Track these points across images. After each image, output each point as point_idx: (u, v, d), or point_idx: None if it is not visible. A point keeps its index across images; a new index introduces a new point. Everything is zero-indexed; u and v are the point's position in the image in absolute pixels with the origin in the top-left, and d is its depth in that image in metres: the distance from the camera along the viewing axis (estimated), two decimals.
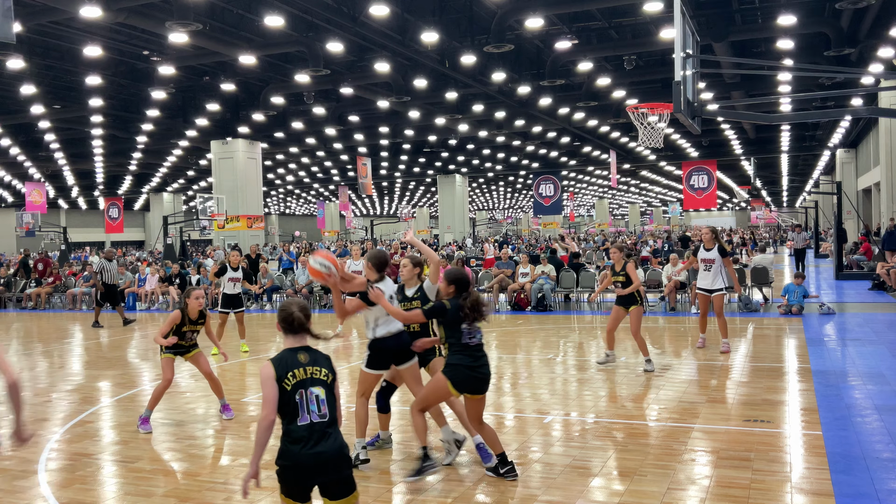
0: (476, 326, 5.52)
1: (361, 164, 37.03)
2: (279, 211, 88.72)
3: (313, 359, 3.83)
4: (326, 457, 3.70)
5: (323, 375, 3.80)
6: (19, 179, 47.20)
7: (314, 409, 3.73)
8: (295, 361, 3.76)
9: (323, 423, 3.73)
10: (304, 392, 3.72)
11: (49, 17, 17.47)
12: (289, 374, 3.71)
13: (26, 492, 5.63)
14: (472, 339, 5.50)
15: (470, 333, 5.48)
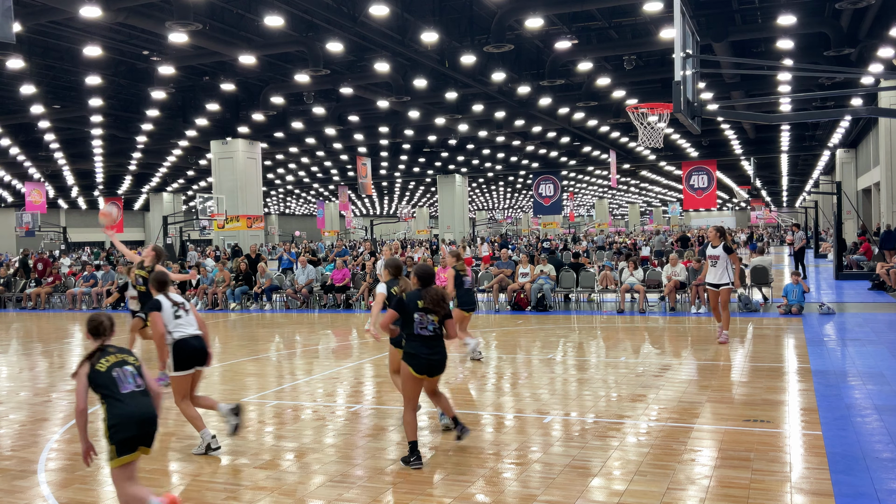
0: (429, 318, 5.99)
1: (361, 164, 37.02)
2: (279, 211, 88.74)
3: (119, 349, 4.75)
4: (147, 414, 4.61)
5: (132, 360, 4.73)
6: (19, 179, 47.19)
7: (131, 381, 4.60)
8: (105, 353, 4.66)
9: (140, 391, 4.63)
10: (119, 370, 4.58)
11: (49, 16, 17.47)
12: (103, 360, 4.59)
13: (26, 492, 5.63)
14: (425, 330, 5.99)
15: (421, 324, 5.99)
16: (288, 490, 5.49)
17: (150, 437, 4.66)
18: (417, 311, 5.97)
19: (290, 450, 6.56)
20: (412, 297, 6.03)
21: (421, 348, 5.96)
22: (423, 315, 5.97)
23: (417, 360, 5.96)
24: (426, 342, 5.98)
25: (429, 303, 5.96)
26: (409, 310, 5.98)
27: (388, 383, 9.52)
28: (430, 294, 6.00)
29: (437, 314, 6.00)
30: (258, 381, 9.80)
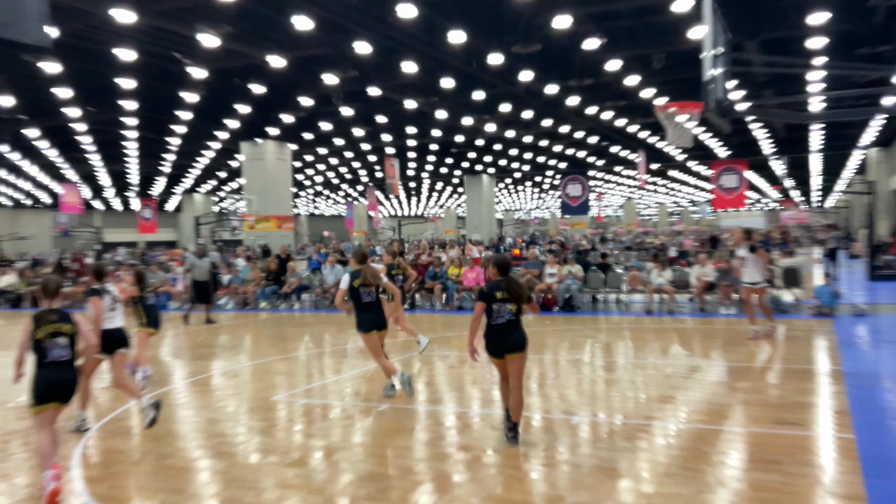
0: (507, 307, 6.46)
1: (389, 165, 37.16)
2: (308, 211, 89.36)
3: (61, 317, 5.72)
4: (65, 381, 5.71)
5: (66, 329, 5.70)
6: (55, 181, 48.11)
7: (57, 352, 5.63)
8: (46, 319, 5.66)
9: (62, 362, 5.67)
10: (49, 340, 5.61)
11: (83, 20, 17.78)
12: (40, 329, 5.62)
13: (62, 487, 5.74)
14: (500, 318, 6.46)
15: (499, 314, 6.49)
16: (316, 488, 5.55)
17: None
18: (496, 301, 6.45)
19: (319, 448, 6.62)
20: (492, 287, 6.55)
21: (493, 336, 6.51)
22: (500, 305, 6.46)
23: (491, 346, 6.54)
24: (498, 330, 6.48)
25: (507, 292, 6.45)
26: (490, 300, 6.47)
27: (415, 381, 9.56)
28: (508, 284, 6.51)
29: (516, 302, 6.49)
30: (287, 380, 9.89)
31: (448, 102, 27.15)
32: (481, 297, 6.60)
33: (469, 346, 6.79)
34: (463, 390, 9.00)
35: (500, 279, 6.61)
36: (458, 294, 18.52)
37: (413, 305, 19.04)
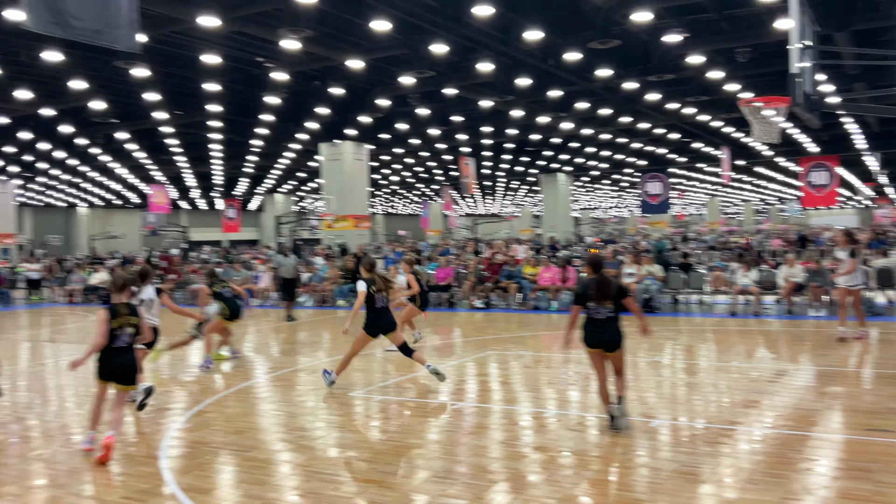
0: (603, 304, 6.73)
1: (464, 164, 37.22)
2: (384, 210, 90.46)
3: (131, 310, 6.65)
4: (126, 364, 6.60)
5: (134, 321, 6.61)
6: (144, 182, 50.20)
7: (124, 339, 6.53)
8: (119, 312, 6.54)
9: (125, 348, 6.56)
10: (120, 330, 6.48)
11: (171, 27, 18.46)
12: (115, 320, 6.49)
13: (150, 477, 5.98)
14: (598, 315, 6.79)
15: (596, 310, 6.78)
16: (393, 484, 5.60)
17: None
18: (591, 300, 6.82)
19: (395, 444, 6.69)
20: (584, 286, 6.93)
21: (591, 328, 6.84)
22: (596, 303, 6.79)
23: (589, 336, 6.85)
24: (596, 324, 6.81)
25: (597, 290, 6.76)
26: (584, 300, 6.86)
27: (490, 381, 9.55)
28: (598, 283, 6.82)
29: (607, 300, 6.75)
30: (364, 377, 10.03)
31: (524, 101, 27.00)
32: (576, 300, 6.97)
33: (565, 338, 7.08)
34: (538, 391, 8.93)
35: (592, 277, 6.94)
36: (533, 293, 18.41)
37: (488, 305, 19.03)
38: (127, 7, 10.91)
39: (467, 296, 19.46)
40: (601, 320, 6.79)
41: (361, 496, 5.36)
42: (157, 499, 5.46)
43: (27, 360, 12.85)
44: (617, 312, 6.80)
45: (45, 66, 21.50)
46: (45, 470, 6.24)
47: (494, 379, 9.78)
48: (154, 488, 5.68)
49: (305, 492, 5.51)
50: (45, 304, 25.15)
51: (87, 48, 20.04)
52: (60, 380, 10.72)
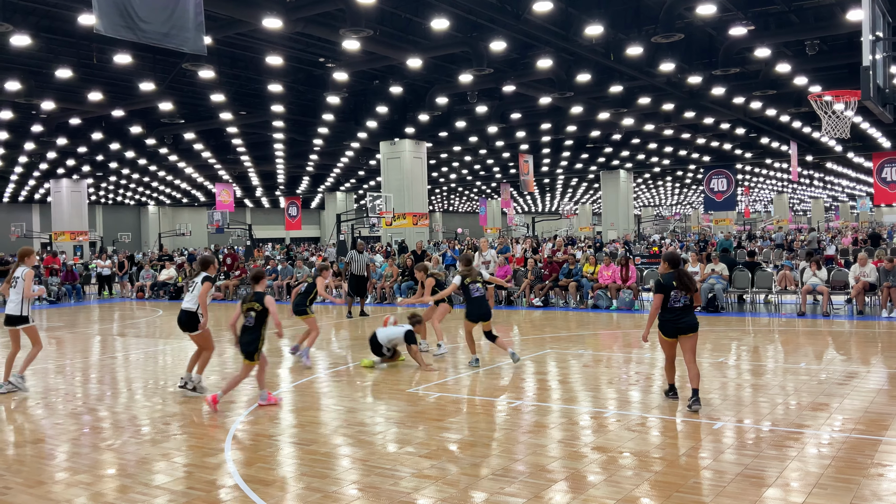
0: (681, 294, 7.59)
1: (523, 162, 37.05)
2: (443, 208, 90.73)
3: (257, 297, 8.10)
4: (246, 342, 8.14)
5: (256, 307, 8.02)
6: (210, 181, 51.52)
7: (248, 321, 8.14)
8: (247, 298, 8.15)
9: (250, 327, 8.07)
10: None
11: (235, 29, 18.89)
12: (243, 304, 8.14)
13: (215, 468, 6.14)
14: (677, 303, 7.62)
15: (675, 299, 7.60)
16: (451, 480, 5.62)
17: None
18: (674, 289, 7.57)
19: (454, 441, 6.71)
20: (668, 278, 7.66)
21: (671, 317, 7.61)
22: (678, 292, 7.58)
23: (667, 326, 7.63)
24: (675, 312, 7.61)
25: (679, 282, 7.58)
26: (668, 289, 7.58)
27: (549, 379, 9.49)
28: (679, 275, 7.65)
29: (689, 290, 7.62)
30: (422, 374, 10.08)
31: (584, 97, 26.74)
32: (659, 289, 7.67)
33: (645, 331, 7.88)
34: (598, 390, 8.83)
35: (671, 271, 7.70)
36: (592, 292, 18.21)
37: (547, 303, 18.91)
38: (193, 10, 11.20)
39: (526, 293, 19.38)
40: (679, 308, 7.61)
41: (419, 492, 5.39)
42: (222, 490, 5.59)
43: (98, 353, 13.34)
44: (692, 302, 7.66)
45: (115, 69, 22.28)
46: (115, 460, 6.47)
47: (553, 377, 9.72)
48: (219, 479, 5.83)
49: (364, 486, 5.57)
50: (115, 300, 26.04)
51: (155, 51, 20.70)
52: (130, 372, 11.09)
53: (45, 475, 6.02)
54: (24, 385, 9.52)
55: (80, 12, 16.63)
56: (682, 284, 7.60)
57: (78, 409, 8.49)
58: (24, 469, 6.20)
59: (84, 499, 5.44)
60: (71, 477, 5.96)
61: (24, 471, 6.15)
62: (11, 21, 15.75)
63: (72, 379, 10.56)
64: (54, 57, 21.01)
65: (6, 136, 31.93)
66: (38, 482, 5.84)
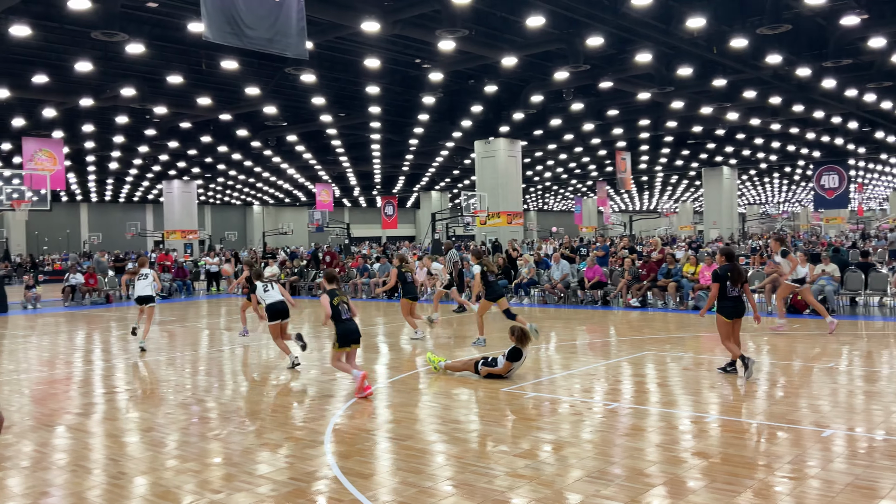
0: (737, 285, 9.09)
1: (620, 159, 36.38)
2: (537, 207, 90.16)
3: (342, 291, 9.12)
4: (355, 328, 9.01)
5: (346, 298, 9.06)
6: (311, 181, 53.03)
7: (346, 310, 8.93)
8: (335, 294, 8.97)
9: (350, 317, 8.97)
10: (342, 304, 8.90)
11: (335, 33, 19.37)
12: (335, 298, 8.94)
13: (314, 460, 6.32)
14: (734, 293, 9.10)
15: (732, 289, 9.09)
16: (546, 481, 5.59)
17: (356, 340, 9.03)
18: (728, 279, 9.02)
19: (548, 442, 6.67)
20: (724, 269, 9.12)
21: (730, 304, 9.11)
22: (732, 283, 9.02)
23: (728, 310, 9.11)
24: (734, 300, 9.10)
25: (735, 274, 9.06)
26: (724, 279, 9.06)
27: (647, 382, 9.30)
28: (734, 268, 9.12)
29: (741, 282, 9.12)
30: (517, 374, 10.06)
31: (685, 92, 25.98)
32: (716, 279, 9.13)
33: (703, 311, 10.01)
34: (699, 394, 8.58)
35: (727, 264, 9.16)
36: (693, 293, 17.68)
37: (644, 304, 18.51)
38: (296, 16, 11.56)
39: (622, 294, 19.02)
40: (735, 297, 9.10)
41: (513, 491, 5.39)
42: (321, 481, 5.76)
43: (206, 346, 13.96)
44: (742, 292, 9.16)
45: (223, 74, 23.24)
46: (221, 449, 6.76)
47: (651, 380, 9.50)
48: (318, 471, 6.00)
49: (459, 483, 5.61)
50: (222, 296, 27.18)
51: (260, 56, 21.47)
52: (235, 365, 11.56)
53: (156, 462, 6.36)
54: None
55: (190, 20, 17.46)
56: (735, 276, 9.00)
57: (187, 400, 8.92)
58: (137, 456, 6.57)
59: (192, 486, 5.71)
60: (180, 465, 6.27)
61: (136, 458, 6.52)
62: (126, 30, 16.69)
63: (182, 371, 11.10)
64: (166, 64, 22.12)
65: (122, 140, 33.87)
66: (150, 469, 6.17)
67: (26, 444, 7.04)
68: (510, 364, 9.36)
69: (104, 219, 65.49)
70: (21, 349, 13.82)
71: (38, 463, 6.40)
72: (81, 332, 16.64)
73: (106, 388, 9.90)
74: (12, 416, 8.27)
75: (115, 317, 19.98)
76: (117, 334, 16.02)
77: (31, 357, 12.77)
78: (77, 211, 64.46)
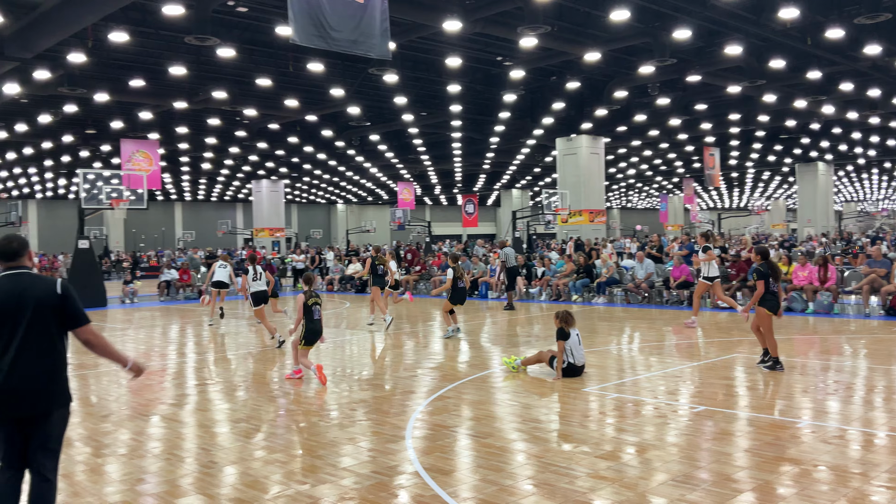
0: (777, 282, 9.65)
1: (708, 155, 35.36)
2: (620, 205, 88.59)
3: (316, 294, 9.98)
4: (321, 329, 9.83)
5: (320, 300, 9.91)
6: (392, 180, 53.70)
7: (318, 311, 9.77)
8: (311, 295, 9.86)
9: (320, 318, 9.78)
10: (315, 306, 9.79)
11: (417, 33, 19.54)
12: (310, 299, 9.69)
13: (396, 454, 6.40)
14: (774, 288, 9.59)
15: (774, 285, 9.61)
16: (629, 483, 5.49)
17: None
18: (771, 277, 9.53)
19: (631, 444, 6.54)
20: (765, 267, 9.56)
21: (773, 299, 9.58)
22: (774, 280, 9.59)
23: (772, 305, 9.55)
24: (776, 294, 9.65)
25: (774, 271, 9.62)
26: (768, 276, 9.52)
27: (736, 385, 9.01)
28: (772, 265, 9.65)
29: (779, 279, 9.66)
30: (599, 373, 9.92)
31: (777, 84, 25.04)
32: (761, 276, 9.52)
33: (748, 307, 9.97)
34: (791, 398, 8.25)
35: (765, 262, 9.62)
36: (786, 294, 17.01)
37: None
38: (380, 17, 11.72)
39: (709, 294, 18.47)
40: (775, 292, 9.59)
41: (595, 493, 5.32)
42: (403, 476, 5.82)
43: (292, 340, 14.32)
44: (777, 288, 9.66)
45: (309, 76, 23.81)
46: (306, 441, 6.92)
47: (741, 383, 9.20)
48: (400, 466, 6.07)
49: (539, 482, 5.58)
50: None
51: (344, 58, 21.89)
52: (320, 360, 11.81)
53: (244, 452, 6.57)
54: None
55: (278, 24, 17.95)
56: (776, 273, 9.59)
57: (274, 393, 9.18)
58: (227, 446, 6.80)
59: (279, 476, 5.87)
60: (267, 455, 6.46)
61: (226, 448, 6.75)
62: (218, 35, 17.29)
63: (269, 364, 11.43)
64: (255, 67, 22.81)
65: (214, 141, 35.12)
66: (239, 459, 6.38)
67: (123, 432, 7.39)
68: (562, 343, 9.49)
69: (197, 217, 68.06)
70: (119, 341, 14.52)
71: (134, 451, 6.71)
72: (175, 326, 17.36)
73: (198, 380, 10.30)
74: (110, 405, 8.70)
75: (207, 311, 20.75)
76: (208, 328, 16.63)
77: (128, 349, 13.40)
78: (172, 209, 67.22)
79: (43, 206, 60.03)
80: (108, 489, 5.68)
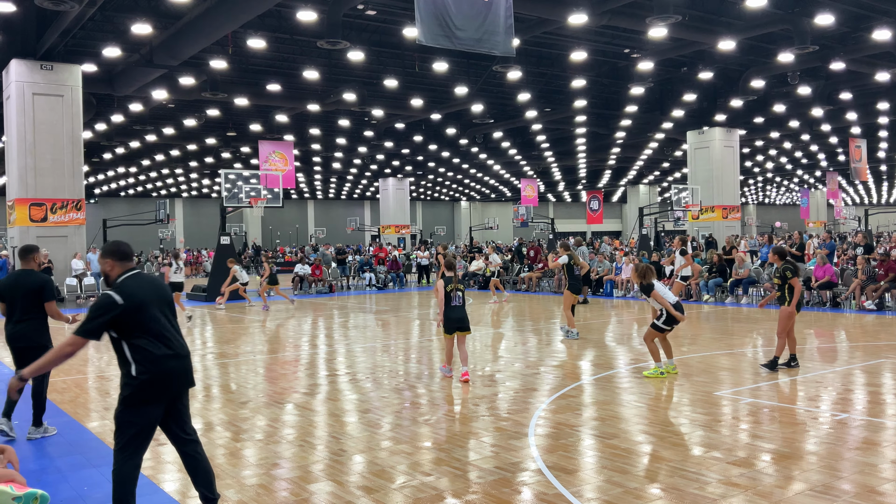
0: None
1: (854, 147, 33.14)
2: (757, 200, 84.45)
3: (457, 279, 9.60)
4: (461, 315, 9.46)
5: (461, 287, 9.53)
6: (515, 177, 53.63)
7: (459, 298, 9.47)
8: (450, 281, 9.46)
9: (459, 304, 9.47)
10: (455, 292, 9.42)
11: (542, 28, 19.41)
12: (448, 286, 9.39)
13: (519, 451, 6.40)
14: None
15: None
16: (763, 491, 5.24)
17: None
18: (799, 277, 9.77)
19: (766, 451, 6.24)
20: (796, 269, 9.68)
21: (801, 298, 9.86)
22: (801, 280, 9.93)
23: (799, 304, 9.76)
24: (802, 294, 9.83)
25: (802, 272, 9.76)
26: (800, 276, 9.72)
27: (883, 392, 8.41)
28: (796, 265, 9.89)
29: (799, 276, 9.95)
30: (732, 377, 9.52)
31: None
32: (797, 275, 9.65)
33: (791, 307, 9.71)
34: None
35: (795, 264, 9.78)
36: None
37: (881, 306, 16.71)
38: (504, 14, 11.74)
39: (855, 295, 17.32)
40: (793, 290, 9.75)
41: (726, 500, 5.11)
42: (525, 473, 5.82)
43: (417, 335, 14.61)
44: None
45: (434, 76, 24.18)
46: (431, 434, 7.05)
47: (888, 391, 8.57)
48: (522, 462, 6.07)
49: (667, 486, 5.42)
50: (431, 288, 28.27)
51: (469, 56, 22.07)
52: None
53: (372, 442, 6.77)
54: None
55: (404, 26, 18.33)
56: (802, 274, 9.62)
57: (400, 385, 9.40)
58: (355, 435, 7.03)
59: (404, 466, 6.01)
60: (394, 446, 6.63)
61: (355, 437, 6.98)
62: (348, 38, 17.87)
63: (395, 357, 11.72)
64: (383, 68, 23.40)
65: (344, 142, 36.32)
66: (367, 448, 6.59)
67: (260, 418, 7.79)
68: (656, 293, 9.33)
69: (328, 214, 70.64)
70: (256, 333, 15.31)
71: (269, 437, 7.06)
72: (308, 319, 18.11)
73: (328, 371, 10.70)
74: (248, 392, 9.19)
75: (337, 305, 21.51)
76: (339, 321, 17.24)
77: (265, 340, 14.10)
78: (305, 207, 70.10)
79: (188, 204, 64.19)
80: (245, 472, 6.00)
